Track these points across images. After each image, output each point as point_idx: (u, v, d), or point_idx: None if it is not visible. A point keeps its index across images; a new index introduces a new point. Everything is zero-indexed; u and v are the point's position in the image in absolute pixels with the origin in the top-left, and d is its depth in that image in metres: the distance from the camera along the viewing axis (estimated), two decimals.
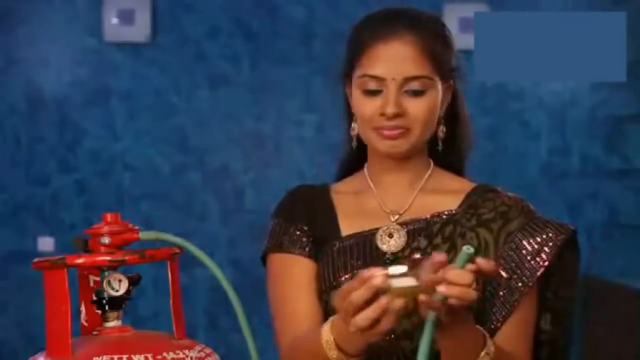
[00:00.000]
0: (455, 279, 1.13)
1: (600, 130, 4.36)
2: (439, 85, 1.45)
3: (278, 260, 1.54)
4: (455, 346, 1.26)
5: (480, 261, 1.15)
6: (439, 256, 1.15)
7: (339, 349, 1.28)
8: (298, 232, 1.53)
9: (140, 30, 4.24)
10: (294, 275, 1.51)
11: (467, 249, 1.14)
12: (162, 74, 4.28)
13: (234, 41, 4.29)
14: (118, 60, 4.27)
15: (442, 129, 1.49)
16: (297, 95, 4.30)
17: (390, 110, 1.42)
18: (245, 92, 4.30)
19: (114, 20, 4.23)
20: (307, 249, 1.52)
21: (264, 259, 1.58)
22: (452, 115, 1.51)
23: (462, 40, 4.06)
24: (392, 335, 1.39)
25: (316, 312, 1.48)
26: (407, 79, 1.42)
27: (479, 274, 1.16)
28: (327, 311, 1.46)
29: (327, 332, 1.29)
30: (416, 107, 1.43)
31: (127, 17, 4.23)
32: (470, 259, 1.14)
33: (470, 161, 1.59)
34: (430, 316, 1.15)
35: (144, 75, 4.28)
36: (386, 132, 1.44)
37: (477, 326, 1.29)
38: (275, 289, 1.53)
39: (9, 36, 4.25)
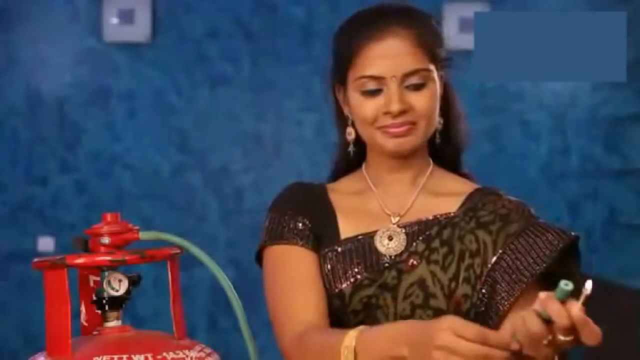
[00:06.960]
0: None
1: (600, 130, 4.36)
2: (436, 76, 1.44)
3: (277, 252, 1.47)
4: None
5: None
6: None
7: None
8: (300, 225, 1.46)
9: (140, 30, 4.24)
10: (295, 268, 1.44)
11: (565, 285, 1.10)
12: (162, 74, 4.28)
13: (234, 41, 4.29)
14: (118, 60, 4.26)
15: (439, 121, 1.47)
16: (296, 95, 4.30)
17: (396, 107, 1.40)
18: (245, 92, 4.30)
19: (114, 20, 4.23)
20: (309, 241, 1.45)
21: (258, 257, 1.51)
22: (444, 108, 1.48)
23: (462, 40, 4.08)
24: None
25: (321, 308, 1.41)
26: (407, 74, 1.41)
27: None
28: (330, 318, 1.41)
29: (350, 339, 1.23)
30: (419, 101, 1.41)
31: (127, 17, 4.23)
32: (568, 295, 1.09)
33: (470, 162, 1.58)
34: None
35: (144, 75, 4.28)
36: (393, 130, 1.42)
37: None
38: (275, 284, 1.45)
39: (9, 36, 4.25)
